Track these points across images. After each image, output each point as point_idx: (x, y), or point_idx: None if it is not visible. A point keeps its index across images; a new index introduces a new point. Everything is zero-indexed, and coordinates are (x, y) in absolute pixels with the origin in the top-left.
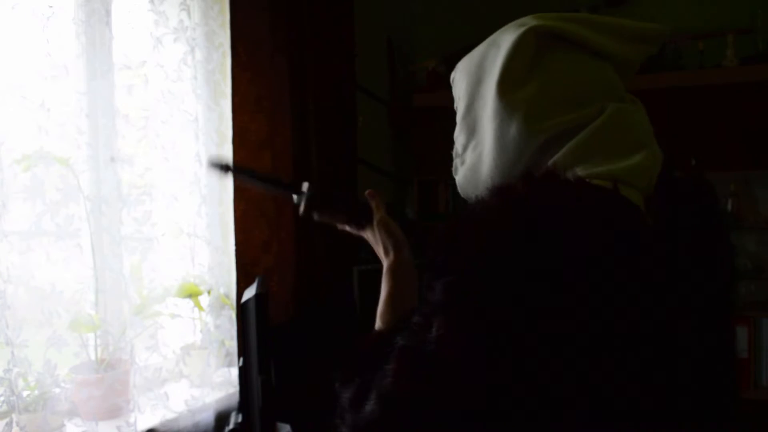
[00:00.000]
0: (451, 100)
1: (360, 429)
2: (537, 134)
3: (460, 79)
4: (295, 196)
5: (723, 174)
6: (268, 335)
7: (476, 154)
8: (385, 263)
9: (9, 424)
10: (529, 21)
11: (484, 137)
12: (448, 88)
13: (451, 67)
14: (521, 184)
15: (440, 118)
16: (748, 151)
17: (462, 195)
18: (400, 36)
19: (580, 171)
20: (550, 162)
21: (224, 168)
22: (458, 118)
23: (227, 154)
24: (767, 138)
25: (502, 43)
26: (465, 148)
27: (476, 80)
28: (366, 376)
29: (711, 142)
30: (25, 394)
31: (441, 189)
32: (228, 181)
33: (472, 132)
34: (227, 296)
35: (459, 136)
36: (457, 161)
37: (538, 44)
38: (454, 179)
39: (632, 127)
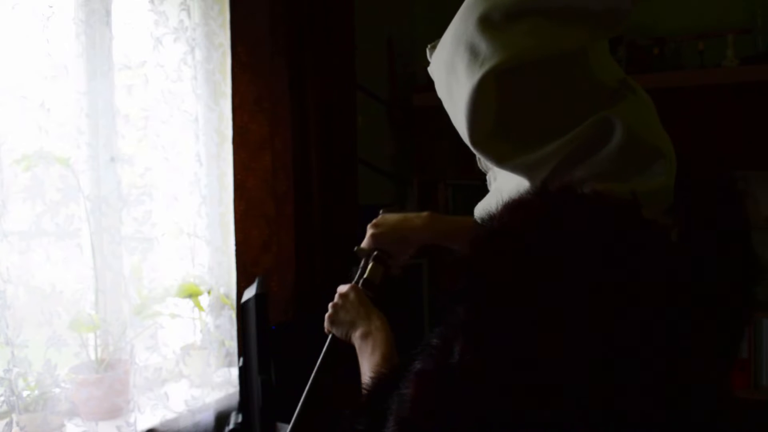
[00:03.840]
0: None
1: None
2: (532, 168)
3: (438, 86)
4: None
5: None
6: (268, 335)
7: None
8: (369, 329)
9: (9, 424)
10: (481, 49)
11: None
12: None
13: None
14: (537, 201)
15: (440, 118)
16: (748, 151)
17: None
18: (400, 36)
19: (597, 187)
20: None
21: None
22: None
23: (228, 154)
24: (767, 138)
25: (459, 74)
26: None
27: (450, 107)
28: (380, 404)
29: (711, 142)
30: (25, 394)
31: (441, 189)
32: (228, 181)
33: None
34: (227, 296)
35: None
36: (489, 175)
37: (498, 86)
38: (454, 179)
39: (641, 132)
